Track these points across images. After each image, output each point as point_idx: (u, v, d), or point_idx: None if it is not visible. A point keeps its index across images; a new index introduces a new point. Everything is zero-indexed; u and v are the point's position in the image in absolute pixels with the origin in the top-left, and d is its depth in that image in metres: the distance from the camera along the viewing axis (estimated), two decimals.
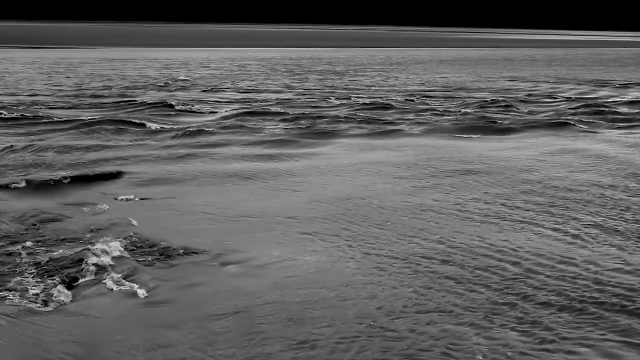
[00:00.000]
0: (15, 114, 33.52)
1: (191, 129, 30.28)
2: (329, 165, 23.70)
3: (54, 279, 12.78)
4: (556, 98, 47.82)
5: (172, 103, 39.61)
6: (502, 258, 14.48)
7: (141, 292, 12.42)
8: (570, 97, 48.43)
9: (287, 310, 11.81)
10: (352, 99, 44.27)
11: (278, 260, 14.14)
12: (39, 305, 11.83)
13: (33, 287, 12.46)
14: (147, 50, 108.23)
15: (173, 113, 36.23)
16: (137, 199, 18.95)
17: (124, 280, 12.89)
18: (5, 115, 32.90)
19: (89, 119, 32.12)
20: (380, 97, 45.66)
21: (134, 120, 32.62)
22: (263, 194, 19.61)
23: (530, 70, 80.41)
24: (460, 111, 38.56)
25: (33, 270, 13.29)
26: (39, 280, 12.79)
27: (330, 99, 44.36)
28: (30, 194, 19.13)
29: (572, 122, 34.77)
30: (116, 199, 18.83)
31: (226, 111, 36.71)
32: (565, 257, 14.60)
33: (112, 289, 12.58)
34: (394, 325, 11.28)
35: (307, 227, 16.38)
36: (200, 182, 20.93)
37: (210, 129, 30.64)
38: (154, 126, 31.28)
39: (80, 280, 12.90)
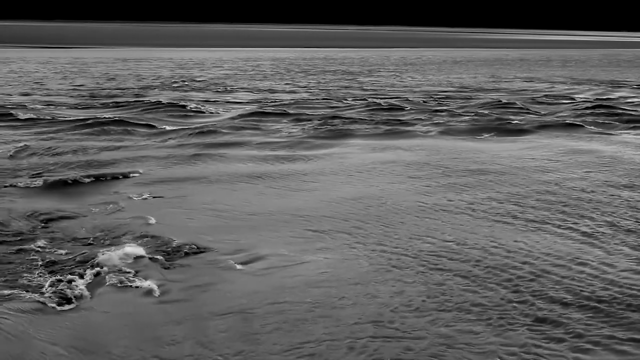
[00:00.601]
0: (30, 114, 33.70)
1: (205, 129, 30.33)
2: (343, 165, 23.67)
3: (68, 277, 12.86)
4: (571, 99, 47.57)
5: (186, 103, 39.72)
6: (515, 258, 14.44)
7: (154, 290, 12.48)
8: (586, 99, 48.17)
9: (298, 310, 11.82)
10: (366, 99, 44.22)
11: (290, 260, 14.16)
12: (52, 302, 11.91)
13: (47, 284, 12.54)
14: (161, 50, 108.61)
15: (186, 113, 36.32)
16: (150, 198, 19.01)
17: (137, 279, 12.97)
18: (20, 116, 33.06)
19: (103, 119, 32.25)
20: (395, 98, 45.58)
21: (147, 121, 32.73)
22: (276, 194, 19.62)
23: (545, 71, 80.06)
24: (475, 112, 38.42)
25: (47, 268, 13.39)
26: (53, 277, 12.87)
27: (345, 99, 44.34)
28: (45, 193, 19.23)
29: (587, 124, 34.59)
30: (130, 198, 18.90)
31: (240, 111, 36.75)
32: (579, 257, 14.54)
33: (125, 287, 12.65)
34: (409, 325, 11.28)
35: (320, 227, 16.37)
36: (213, 182, 20.96)
37: (223, 129, 30.68)
38: (167, 126, 31.36)
39: (94, 278, 12.96)
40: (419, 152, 26.40)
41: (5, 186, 19.80)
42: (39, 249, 14.43)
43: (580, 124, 34.49)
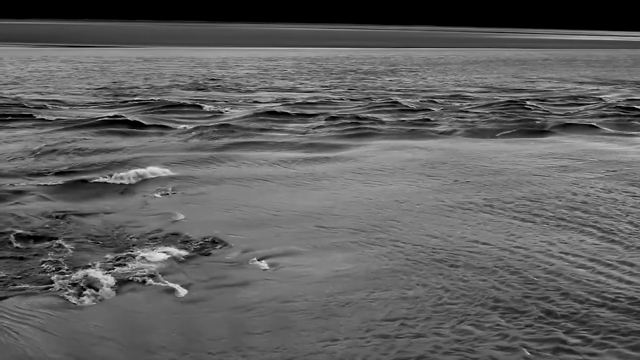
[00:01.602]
0: (51, 114, 34.02)
1: (225, 128, 30.49)
2: (364, 165, 23.73)
3: (92, 275, 13.03)
4: (596, 100, 47.17)
5: (206, 102, 39.93)
6: (536, 257, 14.49)
7: (179, 290, 12.62)
8: (610, 99, 47.74)
9: (316, 308, 11.95)
10: (389, 99, 44.16)
11: (313, 258, 14.31)
12: (75, 299, 12.12)
13: (70, 282, 12.74)
14: (183, 50, 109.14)
15: (206, 112, 36.49)
16: (171, 196, 19.28)
17: (161, 277, 13.13)
18: (41, 115, 33.35)
19: (124, 119, 32.46)
20: (418, 98, 45.53)
21: (167, 120, 32.95)
22: (296, 194, 19.76)
23: (569, 71, 79.50)
24: (497, 112, 38.30)
25: (70, 265, 13.62)
26: (76, 275, 13.07)
27: (367, 99, 44.33)
28: (67, 191, 19.48)
29: (611, 125, 34.34)
30: (151, 197, 19.14)
31: (261, 110, 36.81)
32: (600, 256, 14.52)
33: (150, 285, 12.80)
34: (435, 323, 11.38)
35: (340, 228, 16.49)
36: (234, 181, 21.11)
37: (244, 128, 30.83)
38: (187, 125, 31.52)
39: (118, 277, 13.13)
40: (440, 152, 26.36)
41: (28, 185, 20.08)
42: (61, 246, 14.67)
43: (604, 125, 34.25)
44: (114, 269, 13.39)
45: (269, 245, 14.97)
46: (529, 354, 10.34)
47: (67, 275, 12.99)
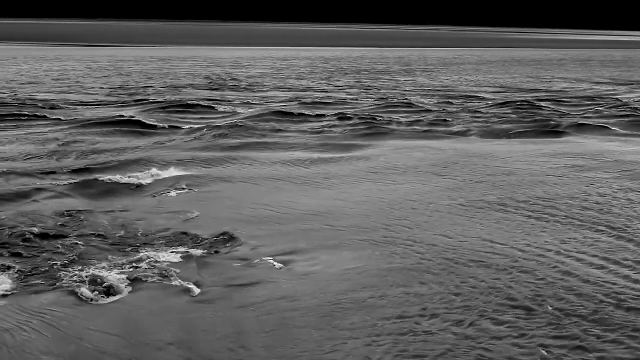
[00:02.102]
0: (65, 113, 34.21)
1: (239, 128, 30.54)
2: (378, 165, 23.73)
3: (107, 273, 13.11)
4: (611, 100, 46.87)
5: (221, 102, 40.01)
6: (548, 256, 14.47)
7: (192, 288, 12.65)
8: (626, 100, 47.43)
9: (326, 308, 11.95)
10: (406, 99, 44.07)
11: (324, 258, 14.34)
12: (90, 296, 12.20)
13: (84, 279, 12.80)
14: (197, 49, 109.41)
15: (221, 112, 36.55)
16: (183, 195, 19.36)
17: (175, 275, 13.17)
18: (54, 115, 33.54)
19: (137, 118, 32.58)
20: (432, 97, 45.45)
21: (181, 120, 33.13)
22: (309, 193, 19.81)
23: (585, 71, 79.07)
24: (511, 113, 38.21)
25: (85, 264, 13.70)
26: (91, 272, 13.15)
27: (382, 98, 44.26)
28: (80, 190, 19.59)
29: (625, 125, 34.12)
30: (163, 196, 19.22)
31: (274, 110, 36.79)
32: (609, 257, 14.46)
33: (162, 284, 12.84)
34: (451, 322, 11.40)
35: (352, 226, 16.49)
36: (247, 181, 21.18)
37: (258, 128, 30.86)
38: (201, 125, 31.57)
39: (133, 274, 13.20)
40: (454, 152, 26.30)
41: (42, 183, 20.23)
42: (74, 244, 14.75)
43: (619, 125, 34.08)
44: (126, 267, 13.46)
45: (280, 244, 15.01)
46: (545, 353, 10.30)
47: (79, 273, 13.04)
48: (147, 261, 13.77)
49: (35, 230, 15.38)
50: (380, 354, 10.31)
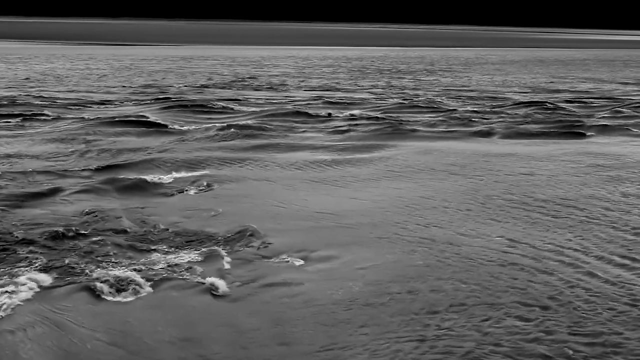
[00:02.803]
0: (87, 114, 34.41)
1: (261, 128, 30.68)
2: (398, 165, 23.76)
3: (127, 272, 13.23)
4: (635, 102, 46.43)
5: (243, 101, 40.17)
6: (567, 253, 14.48)
7: (215, 285, 12.73)
8: None
9: (356, 306, 12.00)
10: (427, 98, 44.01)
11: (346, 258, 14.38)
12: (111, 295, 12.33)
13: (108, 278, 12.89)
14: (220, 48, 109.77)
15: (243, 112, 36.61)
16: (203, 194, 19.49)
17: (195, 273, 13.27)
18: (77, 114, 33.83)
19: (159, 118, 32.79)
20: (455, 98, 45.32)
21: (203, 119, 33.32)
22: (330, 193, 19.87)
23: (608, 72, 78.41)
24: (533, 113, 38.03)
25: (105, 261, 13.86)
26: (112, 271, 13.28)
27: (405, 98, 44.24)
28: (100, 189, 19.72)
29: None
30: (184, 195, 19.37)
31: (297, 110, 36.86)
32: (630, 256, 14.41)
33: (185, 281, 12.94)
34: (475, 321, 11.44)
35: (376, 228, 16.54)
36: (269, 181, 21.28)
37: (279, 128, 30.95)
38: (223, 124, 31.65)
39: (153, 274, 13.32)
40: (475, 153, 26.21)
41: (63, 183, 20.46)
42: (95, 243, 14.87)
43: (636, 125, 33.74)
44: (148, 265, 13.58)
45: (303, 243, 15.08)
46: (571, 352, 10.31)
47: (103, 272, 13.14)
48: (168, 259, 13.89)
49: (59, 228, 15.50)
50: (408, 350, 10.38)
